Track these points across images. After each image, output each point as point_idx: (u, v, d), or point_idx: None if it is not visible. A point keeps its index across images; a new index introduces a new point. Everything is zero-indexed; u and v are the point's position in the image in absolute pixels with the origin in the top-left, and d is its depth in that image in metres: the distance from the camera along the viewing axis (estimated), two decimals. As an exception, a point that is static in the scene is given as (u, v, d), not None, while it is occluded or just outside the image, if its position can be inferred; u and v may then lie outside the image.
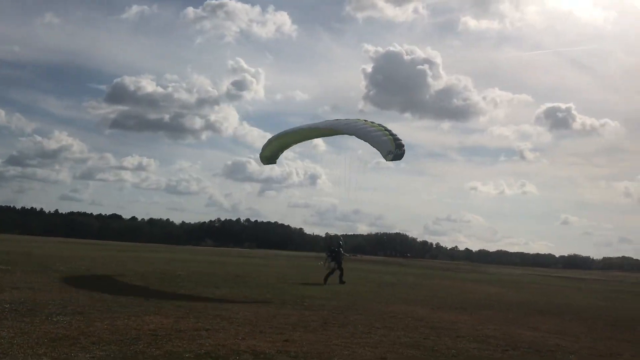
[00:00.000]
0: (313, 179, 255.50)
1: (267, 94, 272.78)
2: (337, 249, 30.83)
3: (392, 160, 22.39)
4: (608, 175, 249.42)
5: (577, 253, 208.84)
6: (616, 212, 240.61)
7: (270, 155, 28.74)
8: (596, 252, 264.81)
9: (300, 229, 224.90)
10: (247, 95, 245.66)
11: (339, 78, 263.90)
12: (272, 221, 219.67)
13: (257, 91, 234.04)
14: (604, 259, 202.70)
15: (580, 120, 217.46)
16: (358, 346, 12.89)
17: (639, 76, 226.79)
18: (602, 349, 15.04)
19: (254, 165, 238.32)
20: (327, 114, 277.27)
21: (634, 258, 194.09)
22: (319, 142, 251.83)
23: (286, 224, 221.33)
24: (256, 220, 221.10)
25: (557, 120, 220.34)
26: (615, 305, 29.98)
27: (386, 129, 23.40)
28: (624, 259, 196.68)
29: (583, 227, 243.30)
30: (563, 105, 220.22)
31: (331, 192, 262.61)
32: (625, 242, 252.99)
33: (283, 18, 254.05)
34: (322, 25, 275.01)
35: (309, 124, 28.14)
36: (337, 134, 25.96)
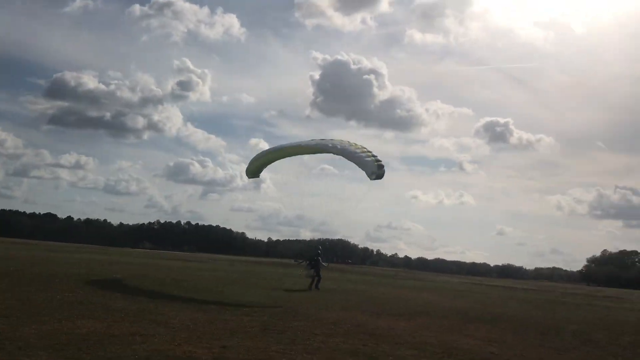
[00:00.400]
0: (257, 183, 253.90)
1: (213, 95, 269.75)
2: (316, 258, 32.56)
3: (374, 179, 24.53)
4: (541, 189, 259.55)
5: (510, 263, 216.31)
6: (548, 224, 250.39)
7: (254, 169, 30.08)
8: (529, 262, 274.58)
9: (243, 233, 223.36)
10: (192, 96, 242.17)
11: (286, 83, 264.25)
12: (214, 225, 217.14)
13: (203, 92, 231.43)
14: (536, 269, 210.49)
15: (517, 135, 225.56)
16: (297, 353, 12.81)
17: (572, 94, 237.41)
18: (532, 356, 15.53)
19: (197, 167, 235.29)
20: (273, 119, 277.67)
21: (564, 269, 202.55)
22: (264, 146, 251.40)
23: (228, 227, 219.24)
24: (197, 224, 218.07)
25: (496, 134, 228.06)
26: (545, 314, 31.08)
27: (368, 151, 25.50)
28: (554, 269, 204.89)
29: (517, 238, 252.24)
30: (502, 120, 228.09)
31: (275, 197, 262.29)
32: (556, 253, 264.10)
33: (232, 20, 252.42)
34: (271, 30, 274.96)
35: (297, 142, 29.94)
36: (322, 153, 27.54)
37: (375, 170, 24.43)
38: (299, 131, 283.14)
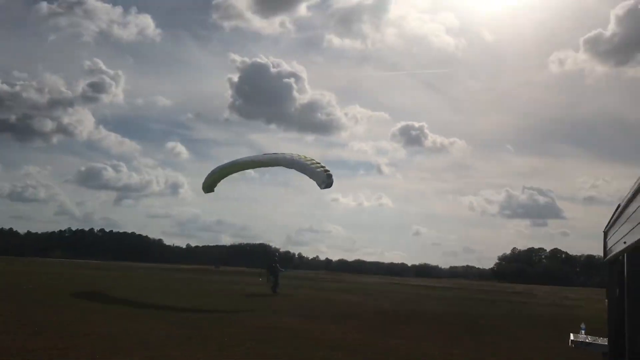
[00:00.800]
0: (174, 188, 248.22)
1: (127, 97, 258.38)
2: (274, 264, 35.34)
3: (324, 188, 26.61)
4: (454, 190, 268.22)
5: (427, 262, 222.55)
6: (461, 224, 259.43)
7: (210, 184, 31.42)
8: (443, 261, 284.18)
9: (160, 239, 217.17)
10: (105, 98, 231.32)
11: (203, 85, 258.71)
12: (129, 231, 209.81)
13: (116, 94, 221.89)
14: (451, 267, 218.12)
15: (432, 138, 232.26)
16: (228, 361, 12.43)
17: (482, 100, 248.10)
18: (459, 354, 15.87)
19: (110, 172, 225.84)
20: (190, 122, 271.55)
21: (476, 267, 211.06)
22: (182, 149, 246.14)
23: (144, 234, 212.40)
24: (111, 231, 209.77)
25: (411, 138, 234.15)
26: (466, 311, 32.13)
27: (316, 162, 27.30)
28: (467, 267, 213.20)
29: (432, 237, 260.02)
30: (417, 124, 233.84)
31: (194, 202, 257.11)
32: (469, 252, 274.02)
33: (146, 21, 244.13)
34: (188, 31, 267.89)
35: (250, 156, 31.44)
36: (274, 166, 29.17)
37: (325, 179, 26.29)
38: (217, 135, 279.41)
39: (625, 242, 4.73)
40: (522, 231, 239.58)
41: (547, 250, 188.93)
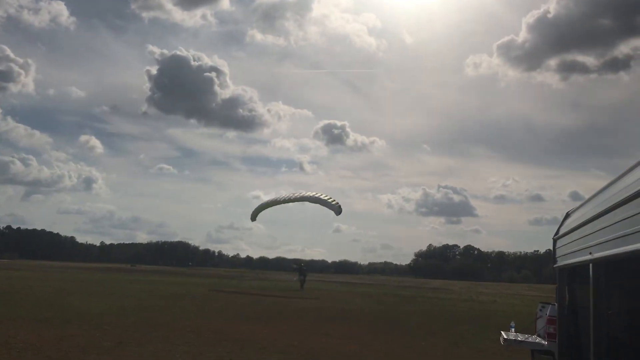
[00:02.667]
0: (88, 183, 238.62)
1: (38, 88, 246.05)
2: (303, 268, 53.24)
3: (338, 214, 37.21)
4: (373, 188, 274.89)
5: (346, 259, 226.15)
6: (379, 221, 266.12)
7: (255, 213, 40.78)
8: (362, 258, 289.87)
9: (72, 237, 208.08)
10: (12, 87, 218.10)
11: (120, 77, 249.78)
12: (39, 228, 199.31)
13: (26, 84, 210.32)
14: (370, 264, 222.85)
15: (353, 137, 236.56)
16: (162, 367, 12.16)
17: (401, 100, 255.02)
18: (389, 351, 16.32)
19: (18, 165, 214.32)
20: (105, 115, 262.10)
21: (394, 263, 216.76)
22: (96, 143, 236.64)
23: (55, 231, 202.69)
24: (19, 227, 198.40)
25: (333, 136, 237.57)
26: (388, 308, 33.01)
27: (330, 197, 37.35)
28: (385, 263, 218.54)
29: (352, 234, 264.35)
30: (339, 123, 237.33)
31: (108, 198, 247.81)
32: (387, 249, 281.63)
33: (59, 8, 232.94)
34: (103, 20, 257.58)
35: (286, 195, 40.33)
36: (301, 201, 38.61)
37: (338, 210, 36.73)
38: (134, 129, 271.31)
39: (591, 253, 5.07)
40: (438, 228, 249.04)
41: (461, 247, 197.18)
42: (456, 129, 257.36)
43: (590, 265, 5.07)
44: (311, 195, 37.03)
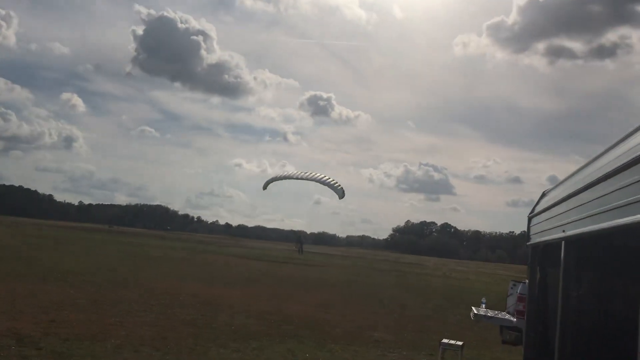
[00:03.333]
0: (68, 141, 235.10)
1: (20, 41, 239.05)
2: (301, 237, 63.58)
3: (341, 198, 40.22)
4: (356, 162, 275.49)
5: (325, 231, 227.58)
6: (360, 196, 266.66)
7: (265, 185, 43.25)
8: (341, 230, 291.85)
9: (50, 195, 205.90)
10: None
11: (105, 36, 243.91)
12: (16, 185, 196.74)
13: (7, 37, 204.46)
14: (348, 237, 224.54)
15: (338, 110, 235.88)
16: (135, 325, 12.24)
17: (387, 75, 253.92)
18: (360, 321, 16.60)
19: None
20: (88, 73, 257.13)
21: (372, 237, 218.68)
22: (78, 102, 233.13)
23: (33, 188, 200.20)
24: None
25: (318, 108, 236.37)
26: (363, 279, 33.46)
27: (334, 180, 39.75)
28: (363, 237, 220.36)
29: (332, 207, 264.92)
30: (325, 95, 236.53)
31: (89, 158, 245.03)
32: (366, 223, 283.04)
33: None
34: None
35: (297, 172, 42.60)
36: (311, 181, 40.39)
37: (341, 194, 39.51)
38: (117, 88, 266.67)
39: (564, 231, 5.18)
40: (416, 205, 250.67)
41: (438, 225, 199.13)
42: (441, 108, 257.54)
43: (563, 243, 5.18)
44: (318, 176, 39.58)
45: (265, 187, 43.32)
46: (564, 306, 5.23)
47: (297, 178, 40.31)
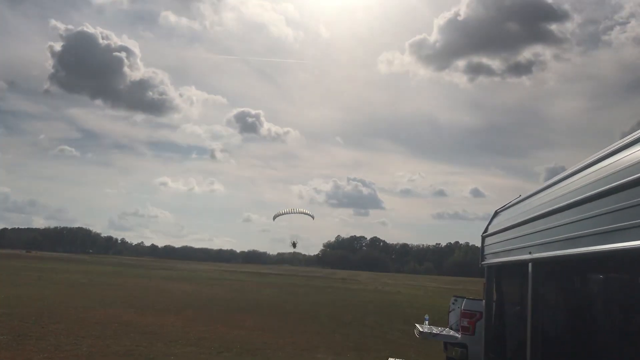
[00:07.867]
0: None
1: None
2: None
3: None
4: (285, 179, 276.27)
5: (255, 249, 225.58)
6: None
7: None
8: (271, 248, 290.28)
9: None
10: None
11: (19, 53, 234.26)
12: None
13: None
14: (278, 254, 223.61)
15: (267, 126, 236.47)
16: (66, 360, 11.55)
17: (314, 92, 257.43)
18: (302, 343, 16.42)
19: None
20: (2, 91, 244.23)
21: (302, 253, 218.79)
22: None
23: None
24: None
25: (247, 125, 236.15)
26: (298, 299, 33.28)
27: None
28: (294, 254, 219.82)
29: (262, 224, 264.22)
30: (253, 111, 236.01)
31: (2, 180, 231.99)
32: (297, 239, 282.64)
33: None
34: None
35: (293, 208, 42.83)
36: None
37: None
38: (33, 107, 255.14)
39: (530, 253, 5.28)
40: (346, 220, 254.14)
41: (368, 239, 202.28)
42: (367, 124, 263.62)
43: (530, 264, 5.29)
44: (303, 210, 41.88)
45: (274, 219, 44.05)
46: (533, 324, 5.30)
47: (294, 213, 41.28)
